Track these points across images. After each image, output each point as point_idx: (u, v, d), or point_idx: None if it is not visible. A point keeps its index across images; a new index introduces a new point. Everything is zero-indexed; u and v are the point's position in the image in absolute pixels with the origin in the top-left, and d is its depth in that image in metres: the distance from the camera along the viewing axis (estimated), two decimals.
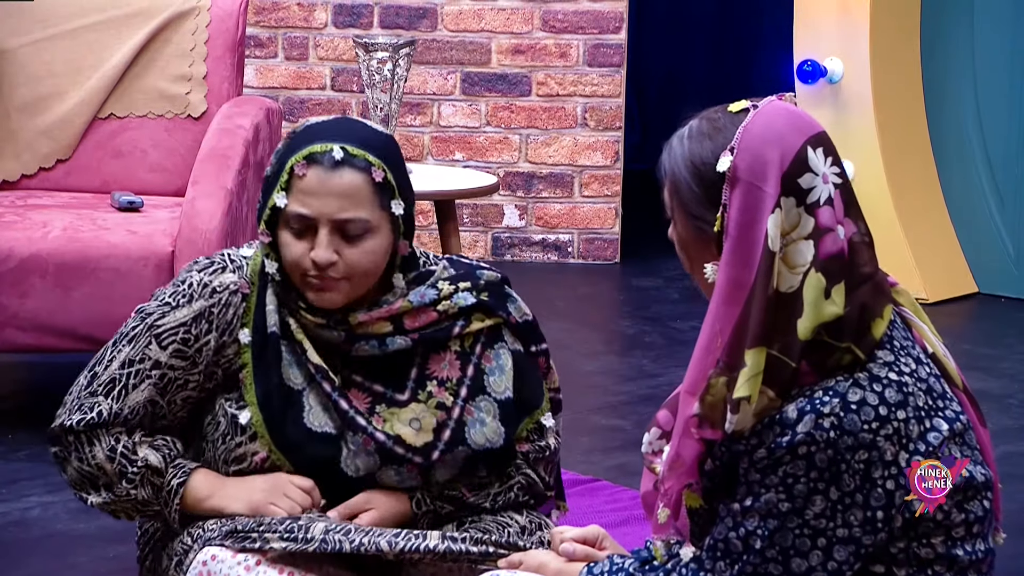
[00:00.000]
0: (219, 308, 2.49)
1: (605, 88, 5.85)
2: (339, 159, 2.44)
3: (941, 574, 1.99)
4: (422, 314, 2.52)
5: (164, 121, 4.34)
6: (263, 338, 2.49)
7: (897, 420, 1.95)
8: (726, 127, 2.01)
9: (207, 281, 2.51)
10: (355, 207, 2.44)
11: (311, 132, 2.48)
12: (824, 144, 2.00)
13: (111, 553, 3.23)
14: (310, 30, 5.84)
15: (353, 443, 2.47)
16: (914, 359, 2.02)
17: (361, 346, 2.50)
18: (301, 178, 2.44)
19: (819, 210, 1.97)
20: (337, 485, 2.49)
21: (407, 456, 2.48)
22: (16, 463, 3.73)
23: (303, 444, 2.47)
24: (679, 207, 2.05)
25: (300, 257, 2.45)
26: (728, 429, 1.96)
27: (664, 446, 2.13)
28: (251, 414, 2.48)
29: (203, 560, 2.38)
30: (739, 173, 1.97)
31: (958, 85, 5.62)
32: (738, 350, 1.96)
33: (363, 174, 2.45)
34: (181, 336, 2.48)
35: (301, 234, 2.45)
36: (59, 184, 4.30)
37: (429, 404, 2.51)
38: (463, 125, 5.86)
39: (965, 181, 5.64)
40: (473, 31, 5.83)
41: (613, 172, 5.90)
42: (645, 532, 3.26)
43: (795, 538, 1.95)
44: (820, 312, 1.96)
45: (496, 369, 2.56)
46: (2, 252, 3.81)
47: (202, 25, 4.39)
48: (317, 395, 2.48)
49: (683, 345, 4.91)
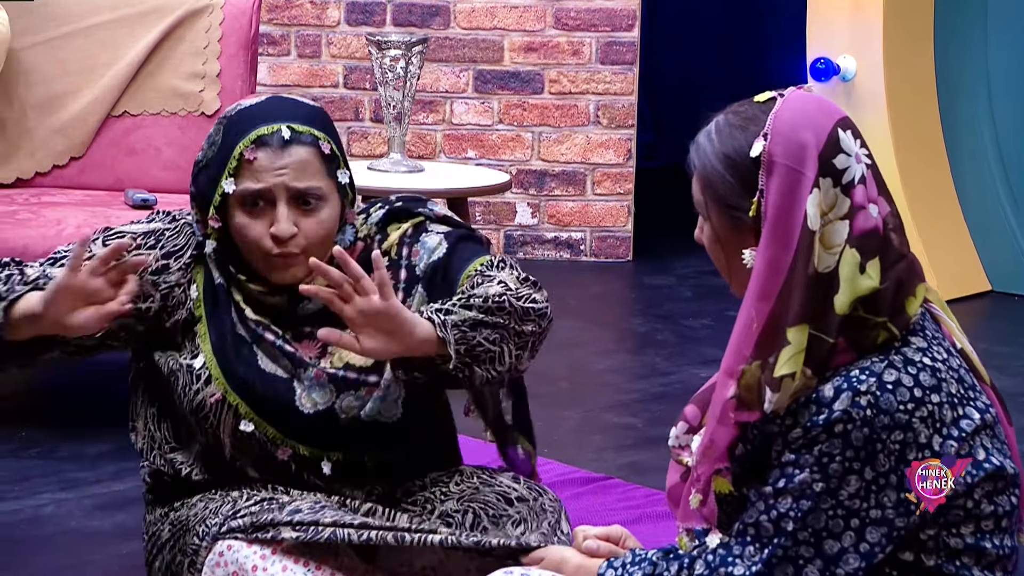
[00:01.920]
0: (172, 233, 2.57)
1: (618, 86, 5.85)
2: (287, 138, 2.47)
3: (969, 567, 1.99)
4: (352, 251, 2.53)
5: (177, 119, 4.34)
6: (212, 290, 2.53)
7: (931, 403, 1.97)
8: (756, 116, 2.04)
9: (172, 213, 2.62)
10: (309, 177, 2.48)
11: (250, 114, 2.51)
12: (851, 127, 2.04)
13: (124, 550, 3.24)
14: (323, 28, 5.84)
15: (306, 379, 2.50)
16: (945, 350, 2.04)
17: (305, 305, 2.52)
18: (252, 162, 2.47)
19: (854, 190, 2.01)
20: (294, 424, 2.50)
21: (360, 379, 2.50)
22: (28, 460, 3.74)
23: (255, 382, 2.50)
24: (713, 201, 2.07)
25: (261, 236, 2.47)
26: (767, 408, 1.98)
27: (691, 441, 2.14)
28: (204, 359, 2.51)
29: (220, 551, 2.40)
30: (775, 157, 2.00)
31: (971, 83, 5.61)
32: (775, 331, 1.98)
33: (312, 148, 2.49)
34: (126, 240, 2.46)
35: (257, 214, 2.47)
36: (73, 182, 4.31)
37: None
38: (475, 123, 5.87)
39: (978, 178, 5.63)
40: (486, 29, 5.83)
41: (626, 170, 5.90)
42: (658, 530, 3.27)
43: (828, 519, 1.96)
44: (856, 286, 1.99)
45: (424, 254, 2.56)
46: (16, 249, 3.82)
47: (215, 23, 4.39)
48: (266, 348, 2.51)
49: (695, 343, 4.91)
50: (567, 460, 3.66)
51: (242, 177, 2.47)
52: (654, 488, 3.56)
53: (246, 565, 2.38)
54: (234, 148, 2.48)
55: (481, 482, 2.58)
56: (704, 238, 2.11)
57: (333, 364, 2.51)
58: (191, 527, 2.50)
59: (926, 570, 1.99)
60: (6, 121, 4.29)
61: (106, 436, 3.82)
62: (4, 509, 3.47)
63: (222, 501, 2.51)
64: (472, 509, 2.51)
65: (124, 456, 3.71)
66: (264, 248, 2.48)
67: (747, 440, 2.03)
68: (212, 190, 2.50)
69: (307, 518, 2.39)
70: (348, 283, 2.31)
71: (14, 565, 3.20)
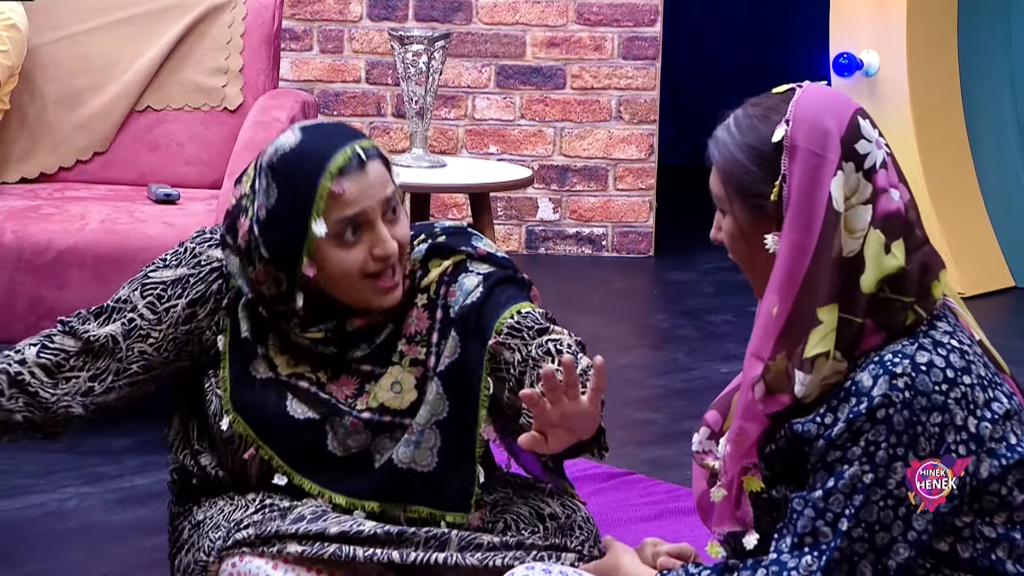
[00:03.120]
0: (196, 280, 2.51)
1: (640, 81, 5.84)
2: (362, 157, 2.40)
3: (1003, 561, 1.99)
4: None
5: (200, 114, 4.35)
6: (237, 340, 2.49)
7: (964, 385, 1.98)
8: (777, 106, 2.06)
9: (197, 252, 2.54)
10: (389, 185, 2.43)
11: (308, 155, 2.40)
12: (869, 117, 2.06)
13: (147, 544, 3.25)
14: (345, 23, 5.85)
15: (342, 427, 2.46)
16: (967, 337, 2.05)
17: (354, 353, 2.48)
18: (341, 195, 2.38)
19: (876, 175, 2.02)
20: (328, 467, 2.48)
21: (396, 421, 2.46)
22: (53, 454, 3.75)
23: (287, 431, 2.47)
24: (736, 192, 2.07)
25: (362, 260, 2.40)
26: (798, 392, 1.98)
27: (713, 446, 2.14)
28: (230, 418, 2.48)
29: (232, 562, 2.40)
30: (798, 142, 2.02)
31: (995, 78, 5.59)
32: (802, 317, 1.99)
33: (380, 160, 2.43)
34: (157, 293, 2.51)
35: (350, 244, 2.40)
36: (96, 177, 4.32)
37: (404, 364, 2.47)
38: (497, 118, 5.87)
39: (1001, 174, 5.62)
40: (508, 24, 5.83)
41: (647, 165, 5.89)
42: (680, 525, 3.27)
43: (879, 511, 1.96)
44: (882, 265, 2.00)
45: (460, 295, 2.48)
46: (40, 244, 3.83)
47: (238, 18, 4.40)
48: (300, 395, 2.48)
49: (717, 339, 4.91)
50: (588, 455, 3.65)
51: (330, 214, 2.37)
52: (676, 484, 3.56)
53: (259, 575, 2.38)
54: (314, 189, 2.36)
55: (515, 492, 2.54)
56: (724, 235, 2.11)
57: (368, 405, 2.47)
58: (205, 533, 2.50)
59: (961, 562, 1.99)
60: (29, 116, 4.30)
61: (130, 431, 3.83)
62: (29, 503, 3.48)
63: (236, 505, 2.51)
64: (504, 520, 2.48)
65: (148, 451, 3.73)
66: (367, 271, 2.40)
67: (776, 439, 2.03)
68: (296, 239, 2.38)
69: (312, 528, 2.37)
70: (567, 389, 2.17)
71: (38, 558, 3.22)
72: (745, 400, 2.04)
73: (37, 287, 3.82)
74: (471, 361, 2.42)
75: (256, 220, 2.41)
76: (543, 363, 2.32)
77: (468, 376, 2.42)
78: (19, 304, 3.83)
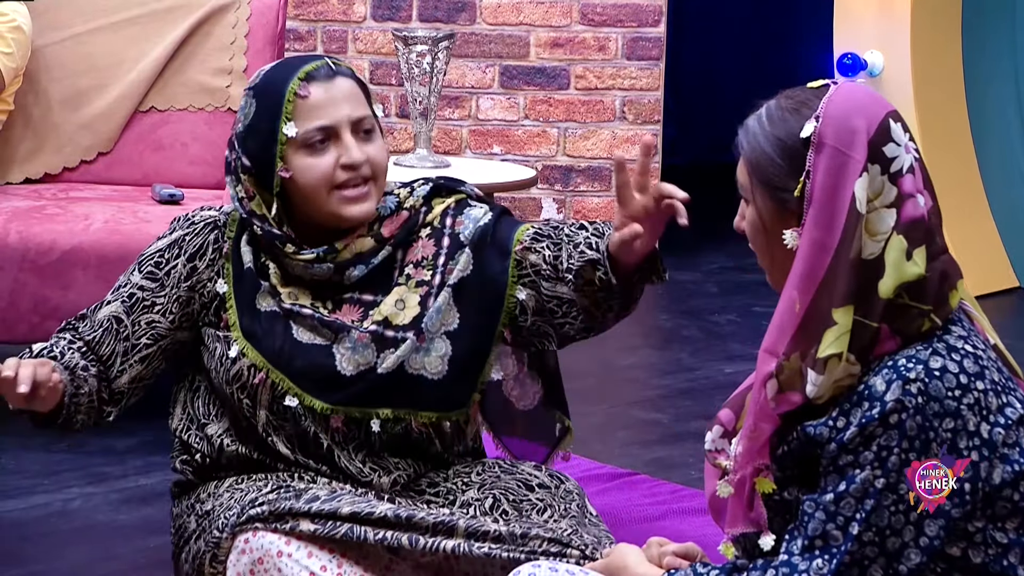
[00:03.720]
0: (191, 236, 2.62)
1: (644, 81, 5.84)
2: (333, 69, 2.54)
3: (1015, 566, 1.99)
4: (394, 219, 2.60)
5: (204, 114, 4.35)
6: (240, 274, 2.57)
7: (977, 390, 1.98)
8: (809, 100, 2.06)
9: (189, 216, 2.66)
10: (362, 107, 2.56)
11: (281, 67, 2.57)
12: (901, 120, 2.06)
13: (151, 544, 3.25)
14: (349, 23, 5.85)
15: (349, 341, 2.53)
16: (982, 342, 2.05)
17: (351, 273, 2.56)
18: (306, 98, 2.51)
19: (902, 179, 2.01)
20: (338, 389, 2.53)
21: (399, 335, 2.54)
22: (58, 454, 3.75)
23: (295, 355, 2.54)
24: (761, 183, 2.07)
25: (330, 168, 2.52)
26: (810, 392, 1.98)
27: (726, 445, 2.14)
28: (239, 345, 2.55)
29: (244, 538, 2.42)
30: (825, 139, 2.01)
31: (999, 78, 5.59)
32: (818, 316, 1.98)
33: (353, 79, 2.57)
34: (155, 260, 2.61)
35: (319, 152, 2.52)
36: (100, 177, 4.32)
37: (409, 285, 2.58)
38: (501, 118, 5.87)
39: (1006, 175, 5.61)
40: (512, 24, 5.83)
41: (652, 166, 5.89)
42: (684, 526, 3.26)
43: (890, 516, 1.95)
44: (902, 272, 1.99)
45: (469, 222, 2.63)
46: (44, 244, 3.84)
47: (242, 18, 4.40)
48: (303, 322, 2.55)
49: (721, 339, 4.91)
50: (593, 456, 3.66)
51: (299, 119, 2.51)
52: (681, 484, 3.56)
53: (271, 551, 2.40)
54: (282, 94, 2.51)
55: (502, 470, 2.61)
56: (746, 224, 2.11)
57: (374, 319, 2.55)
58: (216, 516, 2.51)
59: (973, 567, 1.99)
60: (33, 117, 4.30)
61: (134, 431, 3.83)
62: (34, 503, 3.49)
63: (247, 489, 2.53)
64: (493, 495, 2.54)
65: (151, 451, 3.73)
66: (335, 182, 2.52)
67: (788, 441, 2.02)
68: (269, 144, 2.52)
69: (325, 508, 2.40)
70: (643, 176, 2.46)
71: (43, 558, 3.22)
72: (758, 397, 2.04)
73: (41, 287, 3.82)
74: (489, 272, 2.57)
75: (236, 135, 2.56)
76: (578, 236, 2.57)
77: (484, 286, 2.57)
78: (23, 304, 3.83)
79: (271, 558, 2.39)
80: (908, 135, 2.05)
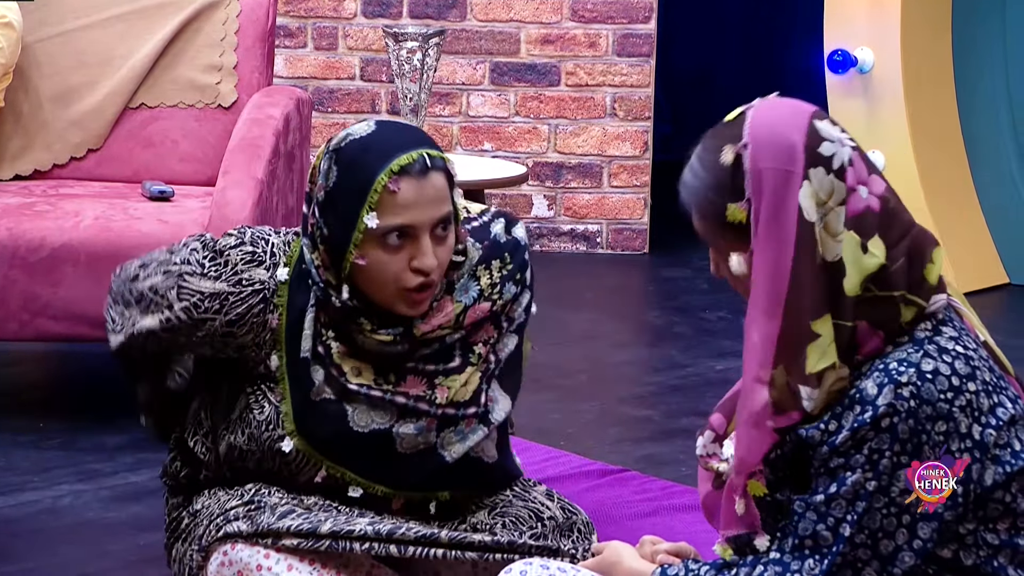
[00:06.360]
0: (235, 299, 2.47)
1: (634, 78, 5.84)
2: (428, 165, 2.40)
3: (1004, 567, 1.99)
4: (476, 310, 2.50)
5: (195, 111, 4.35)
6: (295, 360, 2.47)
7: (968, 392, 1.97)
8: (730, 133, 2.04)
9: (239, 270, 2.48)
10: (445, 205, 2.43)
11: (376, 144, 2.41)
12: (826, 116, 2.05)
13: (142, 541, 3.25)
14: (340, 20, 5.84)
15: (415, 427, 2.47)
16: (973, 340, 2.04)
17: (422, 351, 2.48)
18: (395, 193, 2.37)
19: (845, 173, 2.01)
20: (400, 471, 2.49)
21: (460, 413, 2.50)
22: (48, 451, 3.75)
23: (354, 446, 2.47)
24: (718, 227, 2.06)
25: (401, 271, 2.40)
26: (807, 407, 1.98)
27: (718, 449, 2.14)
28: (292, 440, 2.47)
29: (224, 550, 2.41)
30: (760, 163, 2.00)
31: (989, 75, 5.59)
32: (795, 331, 1.97)
33: (444, 174, 2.43)
34: (193, 301, 2.47)
35: (395, 249, 2.39)
36: (90, 174, 4.32)
37: (479, 365, 2.52)
38: (492, 115, 5.87)
39: (996, 171, 5.62)
40: (502, 21, 5.83)
41: (642, 162, 5.89)
42: (675, 522, 3.26)
43: (882, 518, 1.96)
44: (862, 266, 1.99)
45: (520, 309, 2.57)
46: (34, 241, 3.83)
47: (232, 15, 4.40)
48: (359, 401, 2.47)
49: (712, 336, 4.91)
50: (584, 452, 3.66)
51: (383, 212, 2.37)
52: (671, 480, 3.56)
53: (251, 564, 2.38)
54: (371, 182, 2.37)
55: (515, 495, 2.58)
56: (724, 272, 2.09)
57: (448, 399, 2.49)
58: (199, 522, 2.50)
59: (964, 569, 1.99)
60: (23, 113, 4.30)
61: (125, 428, 3.82)
62: (24, 500, 3.48)
63: (231, 495, 2.51)
64: (503, 522, 2.51)
65: (142, 448, 3.73)
66: (402, 283, 2.40)
67: (780, 444, 2.02)
68: (349, 228, 2.39)
69: (305, 526, 2.38)
70: None
71: (33, 555, 3.22)
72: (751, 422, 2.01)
73: (31, 284, 3.82)
74: (515, 353, 2.56)
75: (317, 201, 2.42)
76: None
77: (514, 368, 2.56)
78: (13, 302, 3.82)
79: (251, 572, 2.38)
80: (838, 128, 2.04)
